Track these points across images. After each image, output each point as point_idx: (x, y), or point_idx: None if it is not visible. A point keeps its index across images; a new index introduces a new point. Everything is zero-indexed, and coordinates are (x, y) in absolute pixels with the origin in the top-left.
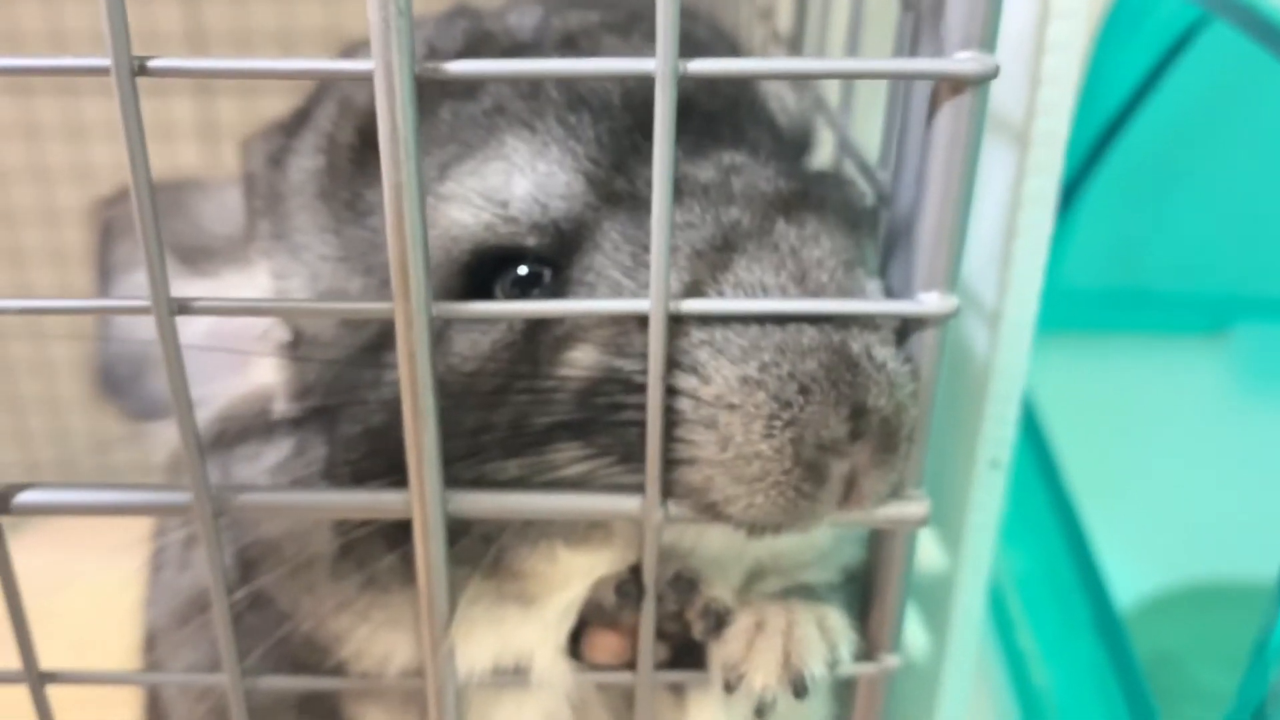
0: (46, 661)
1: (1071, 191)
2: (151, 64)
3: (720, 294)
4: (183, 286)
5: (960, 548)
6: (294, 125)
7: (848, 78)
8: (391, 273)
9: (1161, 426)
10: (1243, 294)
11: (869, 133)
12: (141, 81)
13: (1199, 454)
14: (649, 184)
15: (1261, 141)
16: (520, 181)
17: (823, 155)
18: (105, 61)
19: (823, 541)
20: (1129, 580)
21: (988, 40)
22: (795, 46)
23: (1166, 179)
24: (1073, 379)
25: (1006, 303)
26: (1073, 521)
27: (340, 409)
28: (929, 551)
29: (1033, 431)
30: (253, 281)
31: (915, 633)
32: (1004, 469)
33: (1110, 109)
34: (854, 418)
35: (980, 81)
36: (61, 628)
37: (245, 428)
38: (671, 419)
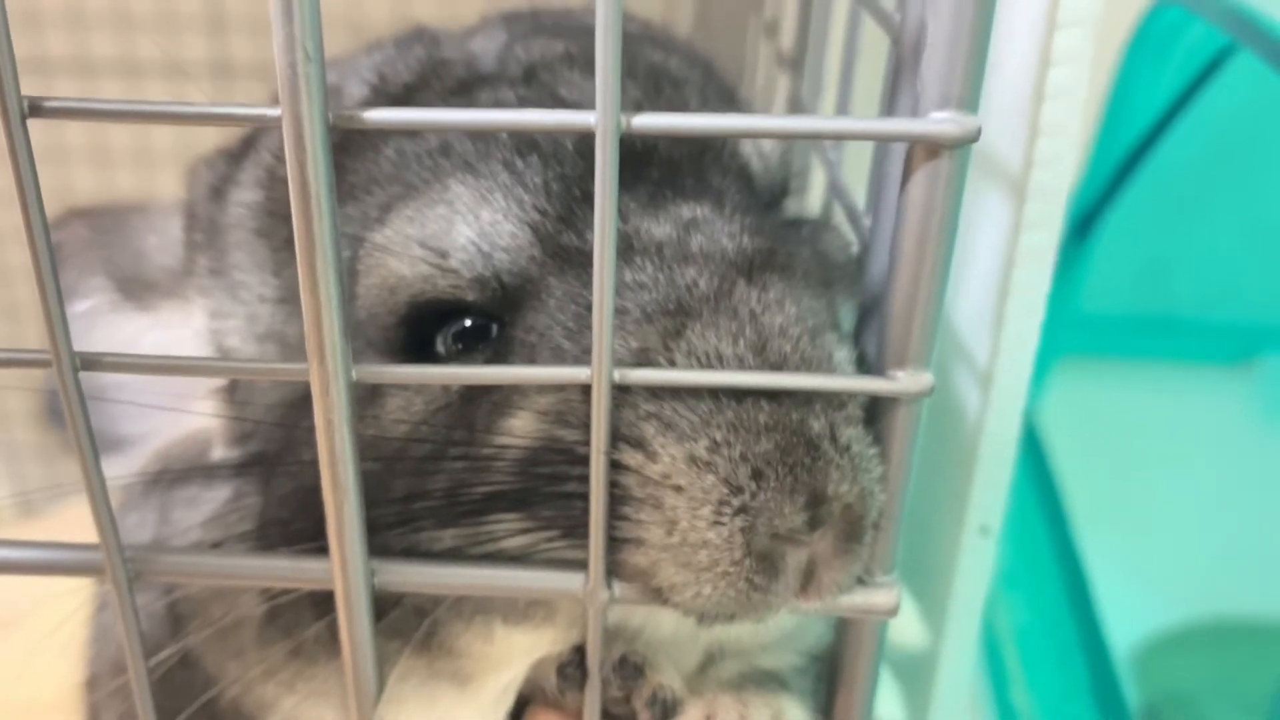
0: None
1: (1094, 214)
2: (48, 104)
3: (671, 363)
4: (119, 321)
5: (944, 621)
6: (239, 154)
7: (810, 138)
8: (306, 333)
9: (1181, 457)
10: (1269, 324)
11: (865, 165)
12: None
13: (1219, 486)
14: None
15: None
16: (462, 229)
17: (814, 195)
18: None
19: (785, 624)
20: (1143, 615)
21: (969, 98)
22: (797, 68)
23: (1192, 203)
24: (1090, 406)
25: (999, 365)
26: (1077, 570)
27: (277, 459)
28: (909, 626)
29: (1039, 468)
30: (190, 321)
31: (893, 716)
32: (994, 536)
33: (1136, 131)
34: (812, 505)
35: (959, 145)
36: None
37: (186, 470)
38: (617, 495)
